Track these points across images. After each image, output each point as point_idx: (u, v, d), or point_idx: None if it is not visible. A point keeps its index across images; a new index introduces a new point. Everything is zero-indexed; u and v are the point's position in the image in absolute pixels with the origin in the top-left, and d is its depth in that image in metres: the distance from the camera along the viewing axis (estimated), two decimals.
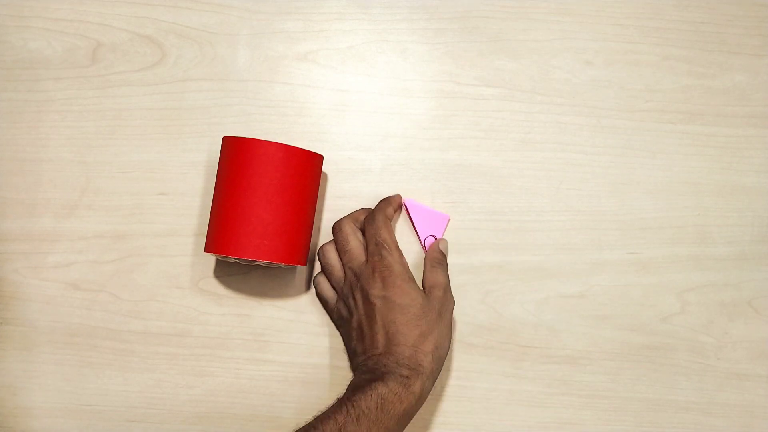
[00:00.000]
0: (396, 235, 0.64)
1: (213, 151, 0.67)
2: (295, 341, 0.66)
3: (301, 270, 0.67)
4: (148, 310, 0.66)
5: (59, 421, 0.65)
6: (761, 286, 0.68)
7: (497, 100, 0.68)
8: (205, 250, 0.61)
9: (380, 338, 0.59)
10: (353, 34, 0.69)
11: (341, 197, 0.67)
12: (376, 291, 0.59)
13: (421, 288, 0.62)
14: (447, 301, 0.62)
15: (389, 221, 0.63)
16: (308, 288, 0.67)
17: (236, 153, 0.59)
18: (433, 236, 0.66)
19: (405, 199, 0.66)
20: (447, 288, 0.62)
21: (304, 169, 0.60)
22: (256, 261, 0.61)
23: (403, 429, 0.57)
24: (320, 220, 0.67)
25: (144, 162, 0.67)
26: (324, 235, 0.67)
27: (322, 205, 0.67)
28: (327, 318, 0.66)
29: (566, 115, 0.68)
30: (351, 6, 0.69)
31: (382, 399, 0.55)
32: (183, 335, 0.66)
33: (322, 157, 0.63)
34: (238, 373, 0.66)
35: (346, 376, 0.66)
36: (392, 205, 0.64)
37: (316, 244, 0.67)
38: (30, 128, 0.67)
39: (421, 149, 0.68)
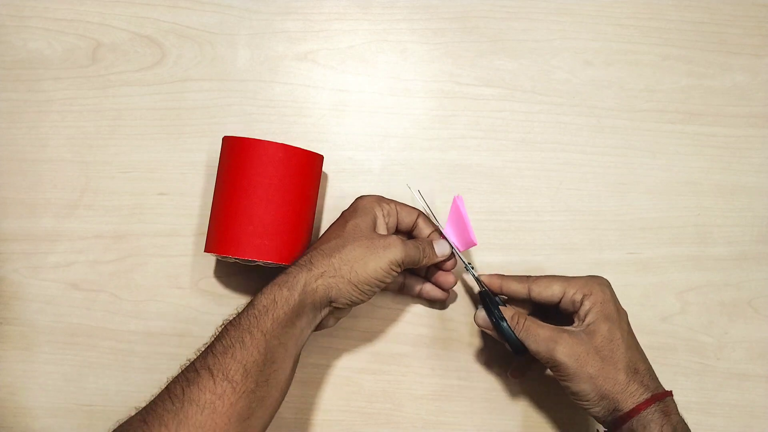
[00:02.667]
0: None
1: (213, 151, 0.67)
2: None
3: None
4: (148, 310, 0.66)
5: (59, 421, 0.65)
6: (761, 286, 0.68)
7: (497, 100, 0.68)
8: (206, 250, 0.61)
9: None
10: (353, 34, 0.69)
11: (341, 197, 0.67)
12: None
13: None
14: (394, 247, 0.57)
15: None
16: None
17: (236, 153, 0.59)
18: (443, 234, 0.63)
19: (458, 197, 0.61)
20: (404, 244, 0.58)
21: (304, 169, 0.60)
22: (256, 261, 0.61)
23: (293, 330, 0.55)
24: (320, 220, 0.67)
25: (144, 162, 0.67)
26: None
27: (322, 205, 0.67)
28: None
29: (566, 115, 0.68)
30: (351, 6, 0.69)
31: (254, 306, 0.54)
32: (183, 335, 0.66)
33: (322, 157, 0.63)
34: None
35: (345, 376, 0.66)
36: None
37: None
38: (30, 128, 0.67)
39: (421, 149, 0.68)
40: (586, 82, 0.69)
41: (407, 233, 0.63)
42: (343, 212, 0.61)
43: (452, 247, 0.61)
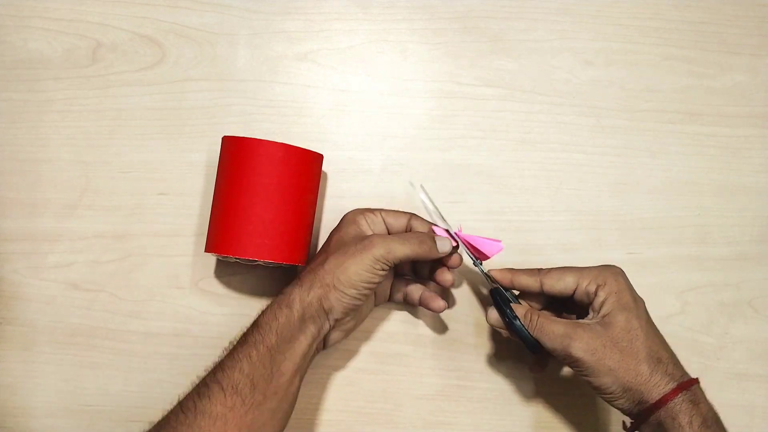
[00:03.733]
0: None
1: (213, 151, 0.67)
2: None
3: (301, 270, 0.67)
4: (148, 310, 0.66)
5: (59, 421, 0.65)
6: (761, 286, 0.68)
7: (497, 100, 0.68)
8: (206, 250, 0.61)
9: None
10: (353, 34, 0.69)
11: (341, 197, 0.67)
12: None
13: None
14: (372, 245, 0.56)
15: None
16: None
17: (236, 153, 0.59)
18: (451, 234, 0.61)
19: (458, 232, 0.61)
20: (384, 240, 0.57)
21: (304, 169, 0.60)
22: (256, 261, 0.61)
23: (295, 345, 0.56)
24: (320, 220, 0.67)
25: (144, 162, 0.67)
26: (324, 235, 0.67)
27: (322, 205, 0.67)
28: None
29: (566, 115, 0.68)
30: (351, 6, 0.69)
31: (257, 325, 0.56)
32: (183, 335, 0.66)
33: (322, 156, 0.63)
34: None
35: (345, 376, 0.66)
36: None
37: (316, 245, 0.67)
38: (30, 128, 0.67)
39: (421, 149, 0.68)
40: (586, 82, 0.69)
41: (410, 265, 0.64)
42: (330, 231, 0.62)
43: (456, 239, 0.60)
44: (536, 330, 0.57)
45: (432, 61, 0.69)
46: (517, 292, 0.61)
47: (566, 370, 0.67)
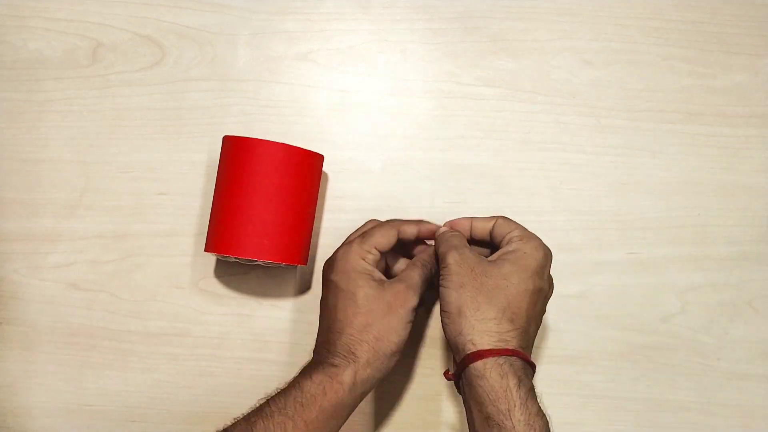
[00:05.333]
0: None
1: (213, 151, 0.67)
2: (295, 341, 0.66)
3: (302, 270, 0.67)
4: (148, 310, 0.66)
5: (59, 421, 0.65)
6: (761, 286, 0.68)
7: (497, 100, 0.68)
8: (206, 250, 0.61)
9: (321, 324, 0.58)
10: (353, 34, 0.69)
11: (341, 197, 0.67)
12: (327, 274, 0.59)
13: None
14: (407, 298, 0.56)
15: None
16: (308, 288, 0.67)
17: (236, 153, 0.59)
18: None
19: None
20: (412, 287, 0.57)
21: (305, 169, 0.60)
22: (256, 261, 0.61)
23: (339, 421, 0.55)
24: (320, 220, 0.67)
25: (144, 162, 0.67)
26: (324, 235, 0.67)
27: (322, 205, 0.67)
28: None
29: (566, 115, 0.68)
30: (351, 6, 0.69)
31: (302, 392, 0.53)
32: (183, 335, 0.66)
33: (322, 156, 0.63)
34: (238, 373, 0.66)
35: None
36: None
37: (316, 244, 0.67)
38: (30, 128, 0.67)
39: (421, 149, 0.68)
40: (586, 82, 0.69)
41: (399, 245, 0.62)
42: (330, 278, 0.58)
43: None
44: (439, 237, 0.58)
45: (432, 61, 0.69)
46: None
47: (566, 372, 0.67)
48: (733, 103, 0.69)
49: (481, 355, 0.51)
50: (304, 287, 0.67)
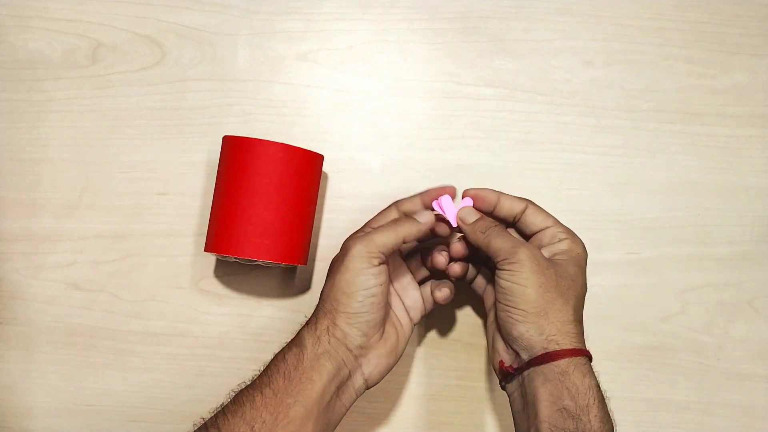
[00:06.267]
0: None
1: (213, 151, 0.67)
2: None
3: (301, 270, 0.67)
4: (148, 310, 0.66)
5: (59, 421, 0.65)
6: (761, 286, 0.68)
7: (497, 100, 0.68)
8: (206, 250, 0.61)
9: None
10: (353, 34, 0.69)
11: (341, 197, 0.67)
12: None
13: None
14: (344, 246, 0.56)
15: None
16: (308, 288, 0.67)
17: (236, 152, 0.59)
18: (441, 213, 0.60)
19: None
20: (365, 242, 0.55)
21: (304, 169, 0.60)
22: (256, 261, 0.61)
23: (319, 389, 0.53)
24: (320, 220, 0.67)
25: (144, 162, 0.67)
26: (324, 235, 0.67)
27: (322, 205, 0.67)
28: None
29: (566, 115, 0.68)
30: (351, 6, 0.69)
31: (267, 367, 0.54)
32: (183, 335, 0.66)
33: (322, 156, 0.63)
34: (238, 373, 0.66)
35: None
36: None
37: (316, 244, 0.67)
38: (30, 128, 0.67)
39: (421, 149, 0.68)
40: (586, 82, 0.69)
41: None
42: (333, 261, 0.57)
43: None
44: (487, 235, 0.56)
45: (432, 61, 0.69)
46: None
47: None
48: (733, 103, 0.69)
49: (566, 354, 0.52)
50: (304, 287, 0.67)
